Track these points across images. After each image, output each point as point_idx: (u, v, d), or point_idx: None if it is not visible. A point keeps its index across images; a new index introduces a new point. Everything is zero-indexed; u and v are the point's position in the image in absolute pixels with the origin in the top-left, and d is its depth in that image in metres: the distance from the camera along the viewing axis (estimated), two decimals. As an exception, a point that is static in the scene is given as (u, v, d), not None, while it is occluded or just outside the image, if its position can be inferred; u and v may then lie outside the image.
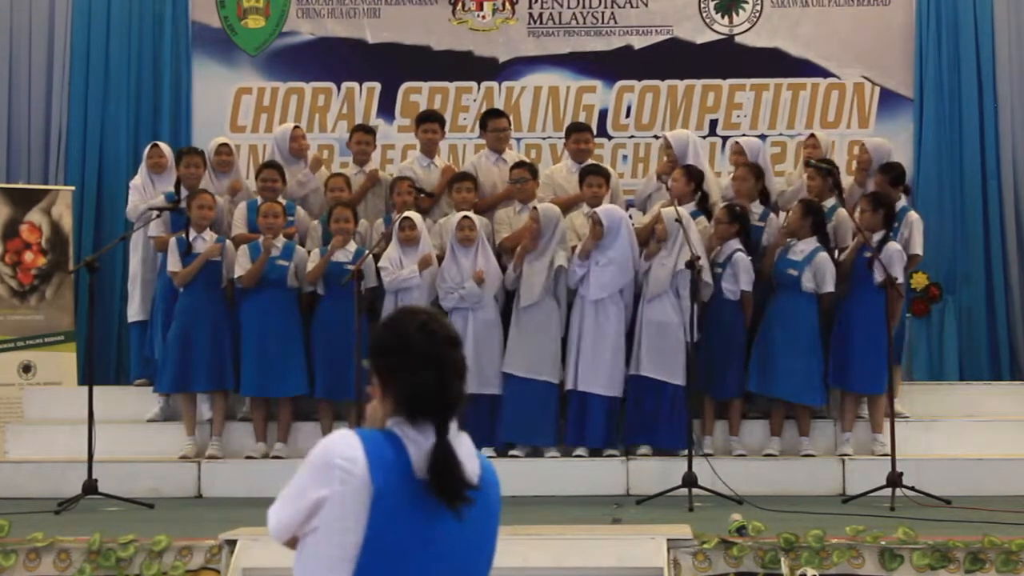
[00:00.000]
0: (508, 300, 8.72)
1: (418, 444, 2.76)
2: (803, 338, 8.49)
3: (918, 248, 8.95)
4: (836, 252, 8.73)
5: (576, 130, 9.50)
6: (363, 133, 9.65)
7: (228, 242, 8.80)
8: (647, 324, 8.51)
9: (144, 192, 9.46)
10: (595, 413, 8.49)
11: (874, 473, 7.84)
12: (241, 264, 8.63)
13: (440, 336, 2.83)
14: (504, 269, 8.74)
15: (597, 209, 8.52)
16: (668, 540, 5.87)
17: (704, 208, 8.86)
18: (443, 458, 2.74)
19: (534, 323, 8.56)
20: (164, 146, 9.73)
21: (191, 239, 8.68)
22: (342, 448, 2.72)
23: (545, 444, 8.56)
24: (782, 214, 9.03)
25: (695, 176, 8.83)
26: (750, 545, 5.90)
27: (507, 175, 9.12)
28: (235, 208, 9.22)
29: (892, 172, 8.97)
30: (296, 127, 9.74)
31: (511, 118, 9.95)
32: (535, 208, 8.63)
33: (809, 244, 8.52)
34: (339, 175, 9.22)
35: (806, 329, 8.50)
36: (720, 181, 9.58)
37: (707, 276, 8.42)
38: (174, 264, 8.69)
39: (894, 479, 7.52)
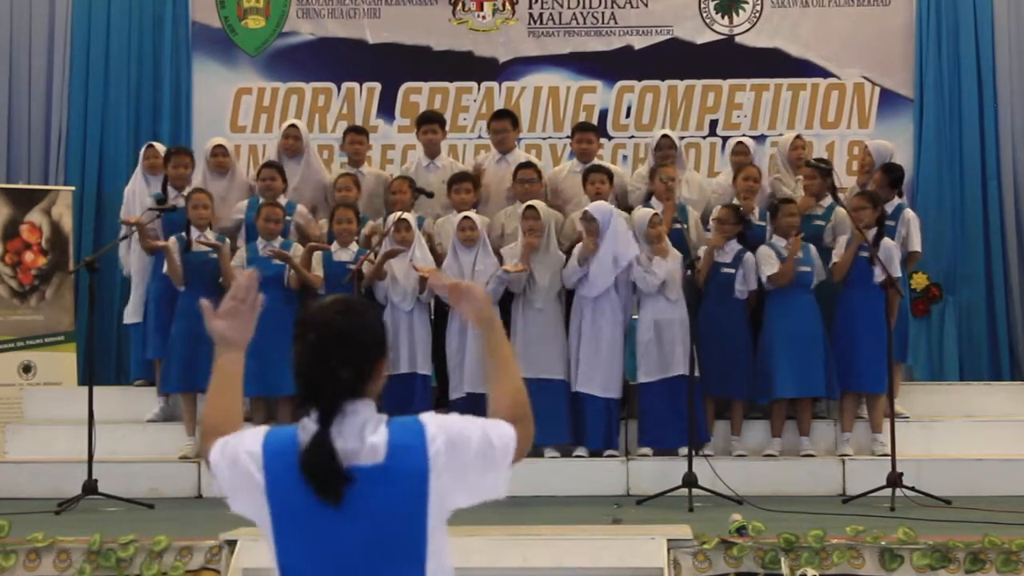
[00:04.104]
0: (506, 301, 8.70)
1: (308, 432, 2.70)
2: (810, 333, 8.51)
3: (917, 245, 8.96)
4: (832, 252, 8.73)
5: (581, 130, 9.49)
6: (355, 134, 9.65)
7: (226, 243, 8.81)
8: (649, 326, 8.50)
9: (138, 195, 9.46)
10: (592, 414, 8.48)
11: (874, 473, 7.85)
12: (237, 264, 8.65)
13: (309, 321, 2.77)
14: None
15: (588, 207, 8.49)
16: (668, 540, 5.88)
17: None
18: (310, 448, 2.66)
19: (540, 323, 8.56)
20: (159, 147, 9.70)
21: (195, 238, 8.67)
22: (248, 443, 2.73)
23: (563, 442, 8.54)
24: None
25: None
26: (750, 545, 5.90)
27: (511, 175, 9.10)
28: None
29: (893, 173, 8.98)
30: (292, 125, 9.72)
31: (517, 118, 9.91)
32: (532, 207, 8.58)
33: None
34: (347, 175, 9.20)
35: (813, 325, 8.52)
36: (713, 181, 9.62)
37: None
38: (173, 266, 8.66)
39: (894, 479, 7.53)
